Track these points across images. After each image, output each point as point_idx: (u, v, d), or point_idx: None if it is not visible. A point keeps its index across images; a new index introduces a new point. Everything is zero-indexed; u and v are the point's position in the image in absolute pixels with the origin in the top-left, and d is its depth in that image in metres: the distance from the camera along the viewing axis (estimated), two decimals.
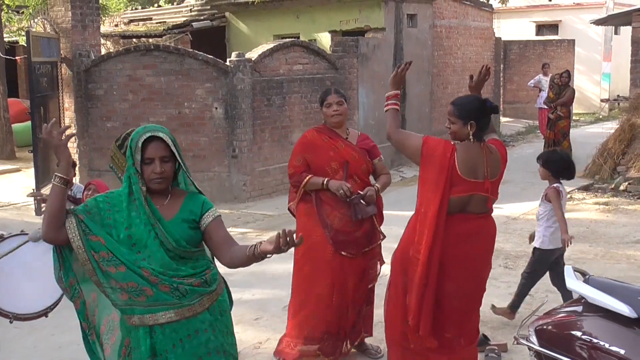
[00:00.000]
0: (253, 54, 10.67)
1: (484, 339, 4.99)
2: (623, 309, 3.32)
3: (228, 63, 10.35)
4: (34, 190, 9.40)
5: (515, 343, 3.90)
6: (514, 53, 21.83)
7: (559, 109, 12.80)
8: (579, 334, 3.46)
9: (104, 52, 12.40)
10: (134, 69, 10.76)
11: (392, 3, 13.19)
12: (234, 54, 10.50)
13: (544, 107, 14.04)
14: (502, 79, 19.58)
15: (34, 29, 11.14)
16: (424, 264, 3.73)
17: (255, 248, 2.73)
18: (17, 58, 16.39)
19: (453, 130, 3.86)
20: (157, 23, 16.18)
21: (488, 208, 3.88)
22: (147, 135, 2.87)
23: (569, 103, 13.05)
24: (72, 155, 3.08)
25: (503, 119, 19.32)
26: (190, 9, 16.23)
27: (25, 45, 10.69)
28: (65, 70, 11.15)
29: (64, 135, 2.89)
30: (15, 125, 15.28)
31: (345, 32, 13.53)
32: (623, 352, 3.25)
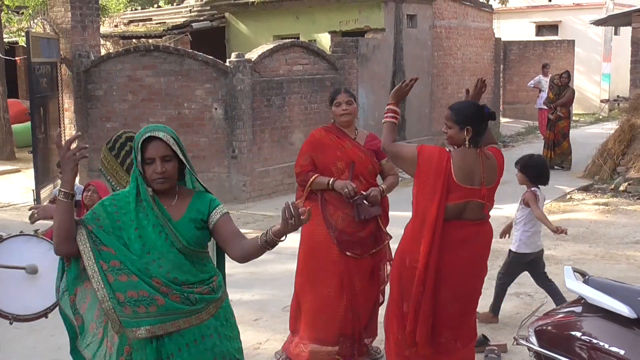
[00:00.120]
0: (253, 55, 10.67)
1: (484, 340, 5.00)
2: (623, 310, 3.32)
3: (228, 64, 10.35)
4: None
5: (515, 343, 3.90)
6: (514, 54, 21.83)
7: (559, 110, 12.78)
8: (579, 335, 3.47)
9: (104, 52, 12.41)
10: (134, 70, 10.77)
11: (391, 3, 13.20)
12: (234, 55, 10.50)
13: (544, 107, 14.03)
14: (501, 80, 19.56)
15: (34, 30, 11.13)
16: (422, 272, 3.73)
17: (267, 234, 2.71)
18: (16, 59, 16.40)
19: (450, 135, 3.85)
20: (156, 24, 16.19)
21: (484, 214, 3.87)
22: (146, 136, 2.86)
23: (569, 104, 13.04)
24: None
25: (503, 120, 19.32)
26: (190, 10, 16.23)
27: (25, 46, 10.70)
28: (65, 71, 11.16)
29: (79, 153, 2.85)
30: (15, 126, 15.28)
31: (345, 32, 13.53)
32: (623, 352, 3.26)
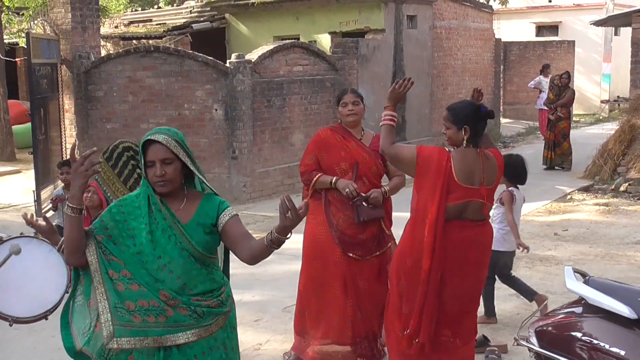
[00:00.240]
0: (253, 56, 10.67)
1: (485, 340, 4.99)
2: (623, 310, 3.32)
3: (228, 64, 10.36)
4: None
5: (516, 344, 3.90)
6: (514, 54, 21.82)
7: (559, 110, 12.79)
8: (579, 335, 3.47)
9: (104, 53, 12.41)
10: (134, 71, 10.77)
11: (392, 4, 13.20)
12: (234, 56, 10.50)
13: (544, 108, 14.03)
14: (502, 81, 19.57)
15: (34, 31, 11.12)
16: (426, 273, 3.72)
17: (272, 233, 2.68)
18: (17, 60, 16.42)
19: (448, 136, 3.86)
20: (157, 24, 16.19)
21: (484, 215, 3.87)
22: (146, 139, 2.86)
23: (569, 104, 13.04)
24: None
25: (503, 120, 19.31)
26: (190, 11, 16.23)
27: (25, 47, 10.69)
28: (65, 72, 11.16)
29: (91, 170, 2.80)
30: (16, 127, 15.29)
31: (345, 33, 13.53)
32: (623, 353, 3.26)
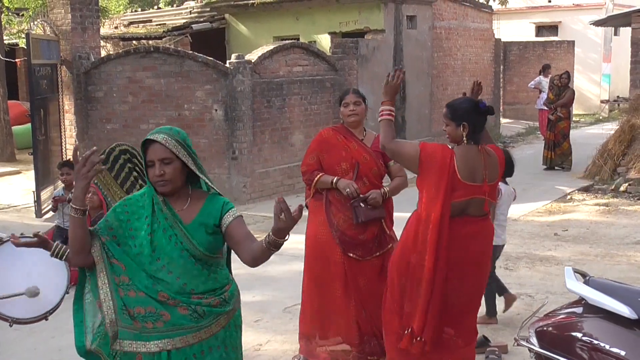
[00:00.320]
0: (253, 56, 10.67)
1: (485, 340, 4.99)
2: (623, 310, 3.32)
3: (228, 65, 10.35)
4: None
5: (516, 344, 3.89)
6: (514, 54, 21.82)
7: (559, 110, 12.78)
8: (580, 336, 3.46)
9: (104, 54, 12.41)
10: (134, 71, 10.77)
11: (391, 4, 13.20)
12: (234, 56, 10.50)
13: (544, 108, 14.03)
14: (502, 81, 19.56)
15: (34, 31, 11.11)
16: (430, 270, 3.71)
17: (269, 235, 2.67)
18: (17, 60, 16.40)
19: (448, 133, 3.87)
20: (156, 25, 16.19)
21: (485, 211, 3.87)
22: (146, 139, 2.86)
23: (569, 104, 13.05)
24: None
25: (503, 120, 19.31)
26: (190, 11, 16.24)
27: (25, 48, 10.69)
28: (65, 73, 11.16)
29: (93, 170, 2.78)
30: (15, 128, 15.28)
31: (345, 33, 13.53)
32: (624, 353, 3.25)
